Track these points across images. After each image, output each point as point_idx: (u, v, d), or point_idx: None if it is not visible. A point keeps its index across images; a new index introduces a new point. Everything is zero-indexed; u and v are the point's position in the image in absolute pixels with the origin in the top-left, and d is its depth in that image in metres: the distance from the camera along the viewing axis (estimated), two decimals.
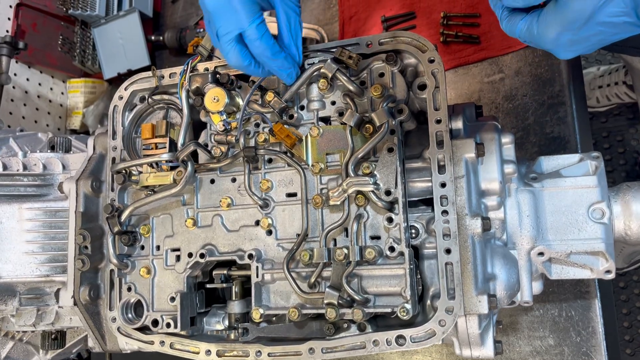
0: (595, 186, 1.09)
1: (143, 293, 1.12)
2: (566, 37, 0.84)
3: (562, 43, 0.85)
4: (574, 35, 0.83)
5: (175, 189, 1.09)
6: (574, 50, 0.86)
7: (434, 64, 1.01)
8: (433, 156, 0.98)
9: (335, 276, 0.98)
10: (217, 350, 1.06)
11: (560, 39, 0.84)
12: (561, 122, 1.39)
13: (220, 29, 0.93)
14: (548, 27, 0.85)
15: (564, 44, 0.85)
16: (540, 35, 0.86)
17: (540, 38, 0.87)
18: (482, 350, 1.01)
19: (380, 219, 1.00)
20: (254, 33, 0.93)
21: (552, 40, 0.85)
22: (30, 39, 1.90)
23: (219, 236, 1.09)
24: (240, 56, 0.95)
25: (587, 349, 1.28)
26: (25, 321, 1.21)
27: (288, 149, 1.06)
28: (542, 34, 0.86)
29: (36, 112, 2.01)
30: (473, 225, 0.97)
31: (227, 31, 0.93)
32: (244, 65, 0.97)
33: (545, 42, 0.87)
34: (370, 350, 0.97)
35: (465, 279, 0.95)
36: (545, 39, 0.86)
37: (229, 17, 0.92)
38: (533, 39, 0.88)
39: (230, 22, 0.92)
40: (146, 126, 1.14)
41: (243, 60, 0.96)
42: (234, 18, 0.92)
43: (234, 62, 0.97)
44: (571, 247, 1.08)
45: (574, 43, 0.84)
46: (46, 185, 1.24)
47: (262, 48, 0.94)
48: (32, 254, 1.18)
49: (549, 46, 0.87)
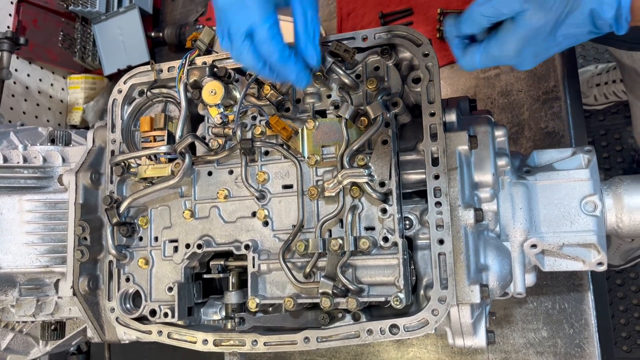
0: (587, 179, 1.10)
1: (141, 283, 1.14)
2: (529, 51, 0.87)
3: (525, 57, 0.88)
4: (536, 48, 0.86)
5: (173, 180, 1.10)
6: (537, 61, 0.90)
7: (428, 57, 1.03)
8: (427, 148, 1.00)
9: (330, 266, 1.00)
10: (213, 340, 1.07)
11: (522, 53, 0.87)
12: (556, 117, 1.40)
13: (231, 26, 0.89)
14: (508, 45, 0.87)
15: (527, 58, 0.89)
16: (502, 54, 0.89)
17: (502, 57, 0.89)
18: (475, 339, 1.02)
19: (374, 210, 1.01)
20: (264, 33, 0.87)
21: (514, 57, 0.88)
22: (31, 35, 1.92)
23: (216, 227, 1.11)
24: (254, 56, 0.90)
25: (580, 340, 1.29)
26: (25, 311, 1.22)
27: (284, 141, 1.07)
28: (503, 53, 0.88)
29: (37, 107, 2.03)
30: (466, 216, 0.98)
31: (238, 28, 0.88)
32: (258, 67, 0.91)
33: (507, 59, 0.89)
34: (364, 339, 0.99)
35: (458, 269, 0.96)
36: (507, 57, 0.89)
37: (240, 13, 0.87)
38: (494, 60, 0.90)
39: (242, 18, 0.87)
40: (145, 119, 1.16)
41: (257, 61, 0.90)
42: (245, 14, 0.87)
43: (248, 62, 0.91)
44: (564, 239, 1.09)
45: (537, 55, 0.88)
46: (46, 178, 1.25)
47: (271, 51, 0.89)
48: (32, 245, 1.19)
49: (512, 62, 0.90)
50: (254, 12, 0.86)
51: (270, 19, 0.87)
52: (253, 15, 0.86)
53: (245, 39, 0.88)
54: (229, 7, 0.87)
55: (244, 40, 0.88)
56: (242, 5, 0.86)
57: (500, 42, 0.88)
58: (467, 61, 0.94)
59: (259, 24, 0.87)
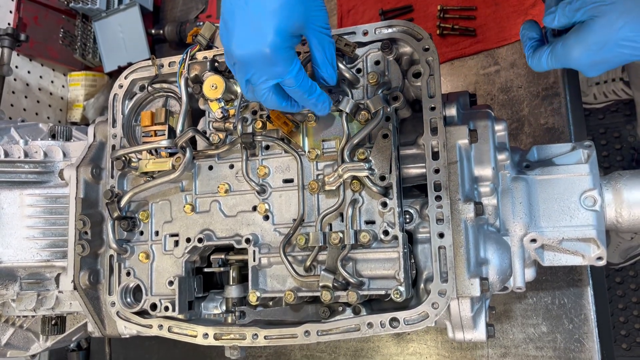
0: (587, 174, 1.11)
1: (142, 278, 1.14)
2: (588, 58, 0.90)
3: (584, 63, 0.91)
4: (595, 56, 0.89)
5: (174, 174, 1.10)
6: (598, 69, 0.92)
7: (428, 52, 1.03)
8: (427, 142, 1.00)
9: (330, 259, 1.00)
10: (214, 334, 1.08)
11: (582, 59, 0.91)
12: (555, 113, 1.41)
13: (254, 77, 0.87)
14: (571, 48, 0.91)
15: (586, 64, 0.91)
16: (565, 56, 0.92)
17: (564, 58, 0.92)
18: (475, 333, 1.03)
19: (375, 204, 1.02)
20: (292, 82, 0.87)
21: (575, 59, 0.91)
22: (31, 32, 1.92)
23: (216, 221, 1.11)
24: (278, 100, 0.91)
25: (579, 335, 1.29)
26: (25, 306, 1.22)
27: (285, 135, 1.08)
28: (566, 55, 0.92)
29: (37, 104, 2.03)
30: (466, 210, 0.99)
31: (262, 80, 0.87)
32: (282, 106, 0.93)
33: (569, 61, 0.92)
34: (364, 332, 0.99)
35: (458, 262, 0.97)
36: (569, 59, 0.92)
37: (264, 68, 0.85)
38: (558, 60, 0.94)
39: (267, 72, 0.86)
40: (146, 114, 1.16)
41: (280, 103, 0.92)
42: (270, 69, 0.86)
43: (272, 105, 0.93)
44: (563, 233, 1.10)
45: (596, 63, 0.90)
46: (47, 172, 1.26)
47: (301, 92, 0.90)
48: (33, 239, 1.20)
49: (574, 65, 0.93)
50: (279, 66, 0.85)
51: (295, 66, 0.86)
52: (278, 69, 0.85)
53: (270, 88, 0.88)
54: (253, 62, 0.85)
55: (269, 89, 0.88)
56: (268, 62, 0.84)
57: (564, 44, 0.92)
58: (534, 61, 0.98)
59: (285, 75, 0.86)
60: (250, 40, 0.83)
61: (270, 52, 0.83)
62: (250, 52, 0.84)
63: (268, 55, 0.83)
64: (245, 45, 0.84)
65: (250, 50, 0.83)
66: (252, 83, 0.88)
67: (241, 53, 0.85)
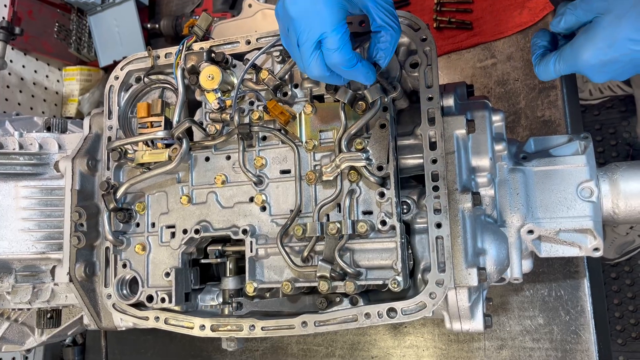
0: (584, 165, 1.11)
1: (138, 269, 1.13)
2: (597, 58, 0.86)
3: (594, 64, 0.88)
4: (604, 55, 0.86)
5: (170, 165, 1.10)
6: (607, 71, 0.88)
7: (426, 42, 1.03)
8: (424, 133, 1.00)
9: (328, 250, 1.00)
10: (211, 325, 1.07)
11: (591, 59, 0.87)
12: (552, 106, 1.41)
13: (301, 35, 0.85)
14: (579, 49, 0.88)
15: (596, 65, 0.88)
16: (574, 58, 0.89)
17: (573, 61, 0.89)
18: (472, 323, 1.03)
19: (372, 194, 1.01)
20: (334, 42, 0.84)
21: (584, 61, 0.88)
22: (26, 26, 1.91)
23: (213, 213, 1.11)
24: (321, 66, 0.87)
25: (575, 327, 1.30)
26: (21, 298, 1.22)
27: (282, 126, 1.07)
28: (575, 57, 0.89)
29: (32, 99, 2.02)
30: (463, 200, 0.99)
31: (308, 37, 0.84)
32: (327, 75, 0.88)
33: (578, 63, 0.89)
34: (362, 322, 0.99)
35: (456, 252, 0.97)
36: (577, 61, 0.89)
37: (313, 21, 0.84)
38: (567, 64, 0.91)
39: (313, 26, 0.84)
40: (142, 105, 1.15)
41: (325, 70, 0.87)
42: (317, 21, 0.84)
43: (317, 71, 0.88)
44: (560, 224, 1.10)
45: (605, 64, 0.87)
46: (42, 165, 1.25)
47: (338, 60, 0.85)
48: (28, 231, 1.19)
49: (582, 66, 0.89)
50: (327, 21, 0.83)
51: (342, 28, 0.84)
52: (325, 23, 0.83)
53: (315, 49, 0.85)
54: (302, 15, 0.84)
55: (314, 49, 0.85)
56: (315, 13, 0.83)
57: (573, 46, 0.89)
58: (541, 67, 0.96)
59: (329, 33, 0.84)
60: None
61: (322, 3, 0.83)
62: (303, 5, 0.83)
63: (319, 6, 0.83)
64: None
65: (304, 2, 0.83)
66: (300, 43, 0.86)
67: (295, 8, 0.84)
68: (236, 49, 1.13)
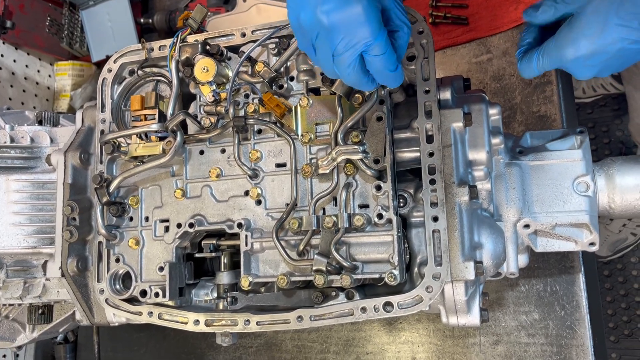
0: (580, 159, 1.11)
1: (131, 264, 1.12)
2: (584, 48, 0.82)
3: (579, 56, 0.83)
4: (591, 44, 0.82)
5: (164, 158, 1.09)
6: (591, 64, 0.84)
7: (422, 35, 1.02)
8: (421, 126, 0.99)
9: (324, 243, 0.99)
10: (205, 320, 1.06)
11: (579, 50, 0.83)
12: (547, 101, 1.41)
13: (340, 45, 0.79)
14: (564, 40, 0.84)
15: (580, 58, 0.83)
16: (558, 51, 0.85)
17: (557, 54, 0.85)
18: (469, 317, 1.02)
19: (368, 188, 1.01)
20: (380, 48, 0.79)
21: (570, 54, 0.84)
22: (17, 21, 1.88)
23: (208, 206, 1.10)
24: (361, 73, 0.83)
25: (571, 322, 1.30)
26: (12, 294, 1.20)
27: (277, 119, 1.06)
28: (559, 49, 0.85)
29: (23, 94, 1.99)
30: (460, 193, 0.98)
31: (350, 47, 0.78)
32: (363, 81, 0.84)
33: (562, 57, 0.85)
34: (358, 316, 0.98)
35: (452, 245, 0.96)
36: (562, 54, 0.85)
37: (354, 31, 0.78)
38: (550, 58, 0.87)
39: (355, 35, 0.78)
40: (135, 98, 1.14)
41: (363, 77, 0.83)
42: (360, 32, 0.78)
43: (354, 80, 0.84)
44: (556, 219, 1.09)
45: (591, 55, 0.82)
46: (34, 158, 1.23)
47: (386, 64, 0.81)
48: (19, 225, 1.17)
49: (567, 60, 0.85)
50: (370, 28, 0.78)
51: (384, 32, 0.80)
52: (368, 31, 0.78)
53: (356, 57, 0.80)
54: (340, 25, 0.77)
55: (355, 57, 0.80)
56: (356, 22, 0.77)
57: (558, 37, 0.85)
58: (524, 64, 0.92)
59: (375, 40, 0.78)
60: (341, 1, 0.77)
61: (362, 11, 0.76)
62: (340, 15, 0.77)
63: (360, 15, 0.76)
64: (335, 8, 0.77)
65: (340, 11, 0.77)
66: (337, 53, 0.80)
67: (331, 17, 0.77)
68: (231, 41, 1.12)
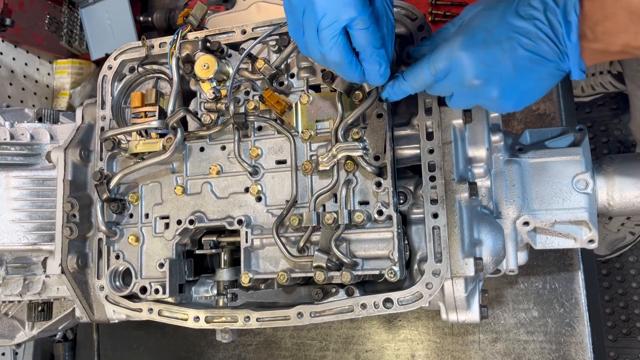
0: (579, 157, 1.11)
1: (131, 261, 1.12)
2: (480, 37, 0.80)
3: (470, 55, 0.81)
4: (488, 37, 0.79)
5: (165, 155, 1.09)
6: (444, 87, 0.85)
7: (423, 31, 1.02)
8: (422, 123, 1.00)
9: (324, 240, 0.99)
10: (205, 317, 1.06)
11: (468, 44, 0.81)
12: (547, 99, 1.41)
13: (324, 18, 0.79)
14: (453, 41, 0.83)
15: (472, 55, 0.81)
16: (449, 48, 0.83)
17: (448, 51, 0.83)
18: (468, 314, 1.02)
19: (368, 185, 1.01)
20: (364, 22, 0.80)
21: (459, 50, 0.81)
22: (16, 18, 1.88)
23: (208, 203, 1.10)
24: (344, 50, 0.82)
25: (570, 319, 1.30)
26: (11, 290, 1.20)
27: (278, 115, 1.06)
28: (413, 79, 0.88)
29: (22, 92, 1.99)
30: (460, 190, 0.98)
31: (334, 20, 0.79)
32: (346, 61, 0.84)
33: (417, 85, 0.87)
34: (358, 313, 0.98)
35: (452, 242, 0.96)
36: (450, 50, 0.83)
37: (337, 4, 0.78)
38: (401, 89, 0.90)
39: (339, 9, 0.78)
40: (136, 95, 1.14)
41: (346, 56, 0.83)
42: (344, 5, 0.78)
43: (337, 57, 0.83)
44: (555, 216, 1.10)
45: (485, 45, 0.79)
46: (34, 155, 1.23)
47: (371, 38, 0.81)
48: (19, 222, 1.17)
49: (454, 55, 0.82)
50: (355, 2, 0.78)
51: (369, 7, 0.80)
52: (352, 5, 0.78)
53: (339, 31, 0.80)
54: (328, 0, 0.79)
55: (338, 31, 0.80)
56: None
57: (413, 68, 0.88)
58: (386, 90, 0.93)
59: (358, 13, 0.79)
60: None
61: None
62: None
63: None
64: None
65: None
66: (321, 27, 0.80)
67: None
68: (231, 38, 1.12)
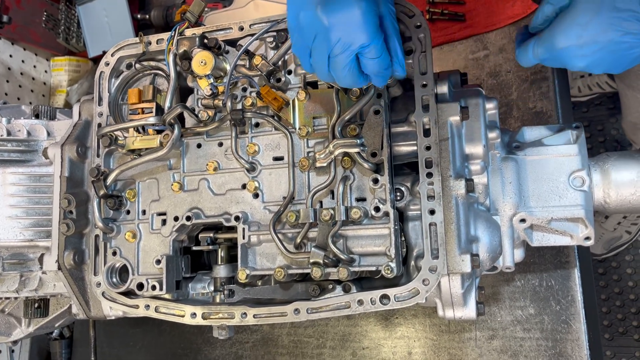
0: (576, 154, 1.11)
1: (128, 257, 1.12)
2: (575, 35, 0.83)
3: (571, 44, 0.84)
4: (582, 32, 0.82)
5: (162, 151, 1.09)
6: (582, 54, 0.84)
7: (420, 29, 1.03)
8: (419, 119, 1.00)
9: (321, 236, 0.99)
10: (202, 313, 1.06)
11: (569, 38, 0.84)
12: (544, 97, 1.41)
13: (337, 45, 0.81)
14: (557, 28, 0.85)
15: (573, 46, 0.84)
16: (551, 39, 0.86)
17: (551, 42, 0.86)
18: (465, 310, 1.03)
19: (366, 181, 1.01)
20: (375, 51, 0.82)
21: (562, 41, 0.84)
22: (14, 15, 1.88)
23: (205, 200, 1.10)
24: (357, 75, 0.85)
25: (566, 317, 1.30)
26: (8, 287, 1.19)
27: (275, 112, 1.06)
28: (552, 38, 0.86)
29: (19, 89, 1.99)
30: (457, 186, 0.98)
31: (347, 47, 0.81)
32: (358, 82, 0.87)
33: (555, 45, 0.86)
34: (354, 309, 0.98)
35: (449, 238, 0.97)
36: (555, 42, 0.85)
37: (352, 33, 0.80)
38: (545, 46, 0.88)
39: (352, 37, 0.80)
40: (133, 91, 1.14)
41: (358, 78, 0.85)
42: (357, 34, 0.80)
43: (349, 81, 0.86)
44: (552, 213, 1.10)
45: (583, 44, 0.83)
46: (30, 151, 1.23)
47: (379, 66, 0.84)
48: (16, 218, 1.17)
49: (560, 49, 0.85)
50: (367, 30, 0.80)
51: (381, 36, 0.82)
52: (365, 33, 0.80)
53: (352, 60, 0.82)
54: (338, 24, 0.80)
55: (351, 58, 0.82)
56: (354, 24, 0.79)
57: (552, 26, 0.86)
58: (521, 52, 0.93)
59: (372, 42, 0.81)
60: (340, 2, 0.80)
61: (361, 14, 0.79)
62: (340, 16, 0.79)
63: (358, 17, 0.79)
64: (336, 9, 0.80)
65: (341, 12, 0.79)
66: (334, 54, 0.82)
67: (331, 17, 0.80)
68: (229, 35, 1.12)
